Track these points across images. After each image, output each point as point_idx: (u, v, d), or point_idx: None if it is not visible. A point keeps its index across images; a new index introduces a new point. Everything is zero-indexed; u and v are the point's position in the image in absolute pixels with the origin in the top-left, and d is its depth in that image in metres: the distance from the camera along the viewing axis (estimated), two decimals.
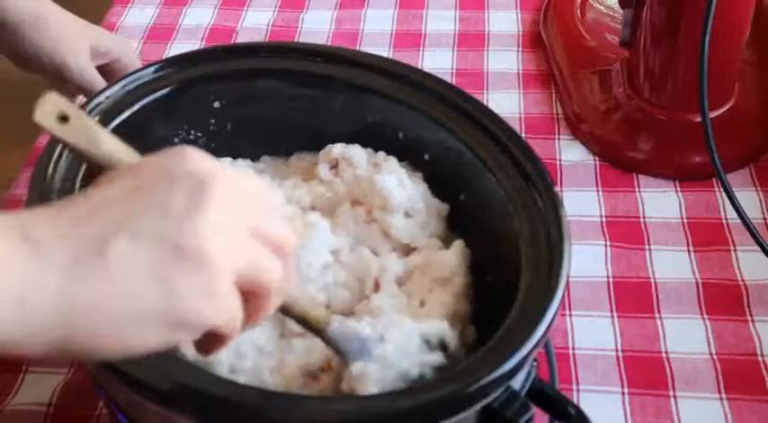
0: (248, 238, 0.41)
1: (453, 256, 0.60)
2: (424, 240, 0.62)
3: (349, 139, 0.66)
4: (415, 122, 0.64)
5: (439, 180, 0.64)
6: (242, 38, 1.01)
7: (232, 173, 0.42)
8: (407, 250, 0.62)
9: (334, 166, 0.65)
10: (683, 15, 0.78)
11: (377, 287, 0.59)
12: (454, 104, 0.63)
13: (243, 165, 0.66)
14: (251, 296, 0.42)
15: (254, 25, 1.03)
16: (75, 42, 0.75)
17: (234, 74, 0.66)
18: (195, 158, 0.41)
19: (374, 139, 0.66)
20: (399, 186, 0.62)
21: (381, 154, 0.65)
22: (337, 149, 0.65)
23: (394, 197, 0.62)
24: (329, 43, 0.99)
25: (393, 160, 0.64)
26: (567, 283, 0.52)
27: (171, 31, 1.02)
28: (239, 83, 0.67)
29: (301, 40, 1.00)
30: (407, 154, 0.65)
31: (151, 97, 0.64)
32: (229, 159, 0.66)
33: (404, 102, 0.65)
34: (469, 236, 0.62)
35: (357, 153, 0.65)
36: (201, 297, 0.39)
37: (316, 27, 1.02)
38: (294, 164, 0.69)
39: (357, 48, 0.98)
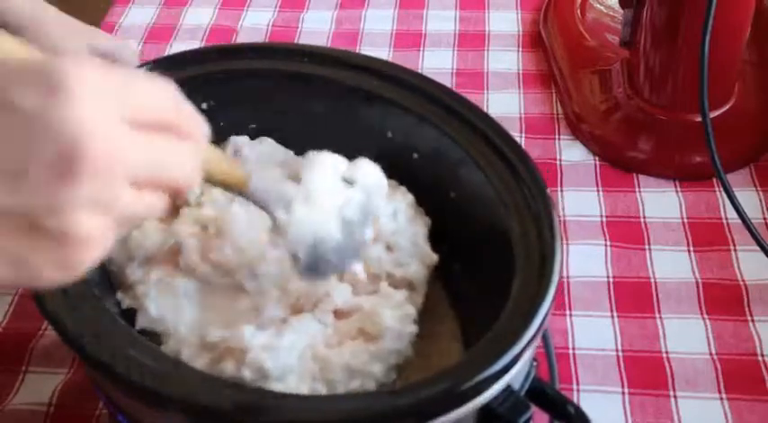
0: (133, 140, 0.35)
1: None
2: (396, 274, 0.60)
3: (338, 140, 0.65)
4: (403, 121, 0.64)
5: (428, 179, 0.64)
6: (242, 38, 1.01)
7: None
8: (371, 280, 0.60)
9: None
10: (683, 15, 0.78)
11: None
12: (443, 103, 0.63)
13: None
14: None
15: (254, 25, 1.03)
16: (72, 43, 0.75)
17: (222, 75, 0.66)
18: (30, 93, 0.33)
19: (363, 139, 0.65)
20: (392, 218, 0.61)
21: (393, 182, 0.63)
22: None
23: (381, 224, 0.60)
24: (329, 43, 1.00)
25: (402, 190, 0.63)
26: (568, 283, 0.52)
27: (171, 31, 1.02)
28: (227, 84, 0.66)
29: (301, 41, 1.00)
30: (396, 153, 0.65)
31: None
32: None
33: (392, 101, 0.64)
34: (460, 234, 0.62)
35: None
36: (57, 270, 0.35)
37: (316, 27, 1.02)
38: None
39: (357, 48, 0.98)
